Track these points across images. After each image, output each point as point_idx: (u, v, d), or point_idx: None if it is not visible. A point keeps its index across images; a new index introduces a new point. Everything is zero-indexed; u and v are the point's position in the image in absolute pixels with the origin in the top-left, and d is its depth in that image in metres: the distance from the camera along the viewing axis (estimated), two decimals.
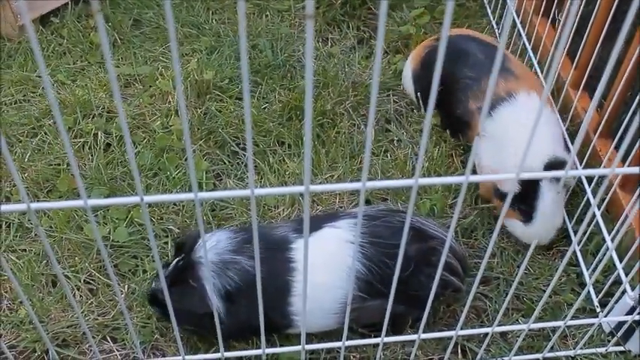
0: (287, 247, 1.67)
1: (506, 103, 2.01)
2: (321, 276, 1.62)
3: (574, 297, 1.92)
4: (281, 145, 2.30)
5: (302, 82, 2.49)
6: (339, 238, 1.68)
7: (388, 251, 1.66)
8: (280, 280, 1.64)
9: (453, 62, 2.16)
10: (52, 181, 2.19)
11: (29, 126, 2.35)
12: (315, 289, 1.59)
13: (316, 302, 1.62)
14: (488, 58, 2.15)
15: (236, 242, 1.67)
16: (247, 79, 0.90)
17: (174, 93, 2.43)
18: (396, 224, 1.71)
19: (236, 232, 1.71)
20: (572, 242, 1.33)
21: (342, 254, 1.65)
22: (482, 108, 1.97)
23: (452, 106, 2.20)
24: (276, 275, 1.63)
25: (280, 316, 1.67)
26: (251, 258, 1.63)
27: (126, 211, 2.08)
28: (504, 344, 1.83)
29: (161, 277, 1.20)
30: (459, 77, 2.18)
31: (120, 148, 2.27)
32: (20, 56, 2.64)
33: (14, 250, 2.01)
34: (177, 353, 1.79)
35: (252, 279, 1.60)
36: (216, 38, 2.70)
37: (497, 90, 2.03)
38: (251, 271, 1.62)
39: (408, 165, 2.23)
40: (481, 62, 2.16)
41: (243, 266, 1.63)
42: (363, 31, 2.79)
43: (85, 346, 1.83)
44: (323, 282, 1.64)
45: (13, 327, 1.85)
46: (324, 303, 1.66)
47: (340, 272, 1.65)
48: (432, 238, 1.73)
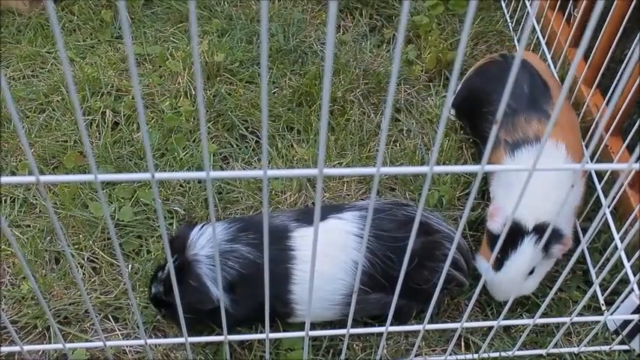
0: (287, 235, 1.65)
1: (530, 147, 1.87)
2: (323, 266, 1.60)
3: (579, 294, 1.91)
4: (290, 130, 2.28)
5: (313, 67, 2.47)
6: (344, 230, 1.66)
7: (392, 245, 1.65)
8: (281, 268, 1.62)
9: (495, 81, 2.05)
10: (58, 157, 2.17)
11: (37, 101, 2.33)
12: (317, 279, 1.57)
13: (317, 292, 1.61)
14: (533, 95, 1.98)
15: (232, 232, 1.65)
16: (266, 66, 0.88)
17: (183, 74, 2.41)
18: (400, 218, 1.70)
19: (230, 223, 1.69)
20: (581, 242, 1.32)
21: (345, 246, 1.64)
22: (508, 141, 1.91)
23: (482, 127, 2.09)
24: (276, 263, 1.61)
25: (281, 305, 1.65)
26: (248, 245, 1.61)
27: (132, 191, 2.07)
28: (507, 339, 1.82)
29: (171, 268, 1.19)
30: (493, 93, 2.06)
31: (128, 127, 2.25)
32: (30, 31, 2.62)
33: (18, 225, 2.00)
34: (178, 335, 1.78)
35: (252, 265, 1.59)
36: (228, 21, 2.67)
37: (527, 130, 1.90)
38: (250, 257, 1.60)
39: (417, 155, 2.21)
40: (523, 96, 1.98)
41: (242, 254, 1.61)
42: (375, 19, 2.76)
43: (87, 324, 1.82)
44: (325, 272, 1.62)
45: (15, 302, 1.84)
46: (326, 294, 1.65)
47: (343, 264, 1.64)
48: (436, 232, 1.72)
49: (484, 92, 2.09)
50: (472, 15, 0.88)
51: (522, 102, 1.96)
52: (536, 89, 2.00)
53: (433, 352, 1.79)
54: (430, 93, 2.46)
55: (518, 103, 1.96)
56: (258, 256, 1.61)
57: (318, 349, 1.76)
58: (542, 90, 1.99)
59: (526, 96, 1.98)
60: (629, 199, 2.01)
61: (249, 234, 1.64)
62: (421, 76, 2.52)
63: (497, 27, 2.72)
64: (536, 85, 2.01)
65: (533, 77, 2.02)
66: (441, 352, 1.78)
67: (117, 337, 1.79)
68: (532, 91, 1.99)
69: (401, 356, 1.76)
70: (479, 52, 2.64)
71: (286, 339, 1.74)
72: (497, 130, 1.03)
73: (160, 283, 1.67)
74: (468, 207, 1.15)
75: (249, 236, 1.64)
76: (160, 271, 1.69)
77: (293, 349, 1.74)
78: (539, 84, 2.01)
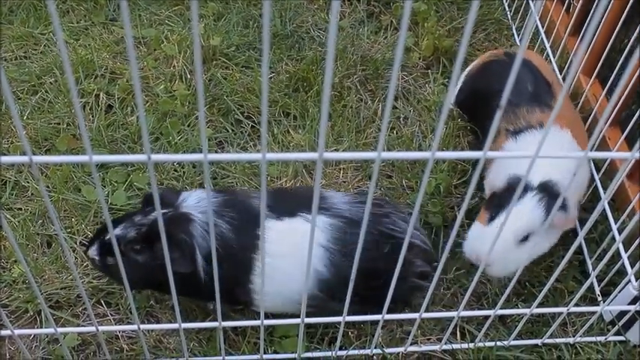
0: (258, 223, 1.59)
1: (533, 131, 1.86)
2: (286, 265, 1.57)
3: (575, 284, 1.90)
4: (286, 116, 2.26)
5: (310, 53, 2.44)
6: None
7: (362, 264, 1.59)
8: (246, 257, 1.57)
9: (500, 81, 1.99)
10: (50, 140, 2.14)
11: (30, 83, 2.30)
12: (280, 275, 1.56)
13: (278, 287, 1.58)
14: (536, 92, 1.96)
15: (217, 204, 1.59)
16: (268, 51, 0.85)
17: (179, 57, 2.38)
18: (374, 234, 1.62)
19: (217, 193, 1.63)
20: (579, 234, 1.30)
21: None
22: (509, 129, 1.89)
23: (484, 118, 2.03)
24: (244, 250, 1.57)
25: (242, 292, 1.61)
26: (228, 223, 1.56)
27: (125, 175, 2.05)
28: (503, 328, 1.81)
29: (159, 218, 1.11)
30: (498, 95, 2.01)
31: (122, 110, 2.22)
32: (22, 12, 2.58)
33: (10, 208, 1.97)
34: (172, 320, 1.76)
35: (227, 245, 1.54)
36: (224, 5, 2.64)
37: (530, 118, 1.89)
38: (227, 236, 1.55)
39: (414, 142, 2.19)
40: (527, 92, 1.97)
41: (221, 231, 1.55)
42: (373, 5, 2.73)
43: (79, 309, 1.80)
44: (287, 271, 1.58)
45: (5, 286, 1.82)
46: (286, 291, 1.61)
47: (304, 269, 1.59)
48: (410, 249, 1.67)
49: (489, 92, 2.04)
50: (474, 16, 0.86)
51: (525, 97, 1.95)
52: (539, 87, 1.98)
53: (428, 340, 1.78)
54: (428, 80, 2.44)
55: (521, 99, 1.94)
56: (231, 237, 1.56)
57: (313, 336, 1.75)
58: (544, 88, 1.98)
59: (529, 92, 1.96)
60: (627, 190, 2.00)
61: (231, 211, 1.59)
62: (418, 63, 2.50)
63: (495, 15, 2.70)
64: (539, 84, 1.99)
65: (538, 77, 2.00)
66: (436, 341, 1.77)
67: (109, 322, 1.77)
68: (535, 88, 1.97)
69: (396, 345, 1.74)
70: (477, 41, 2.62)
71: (280, 326, 1.73)
72: (500, 115, 1.02)
73: (137, 228, 1.56)
74: (469, 195, 1.13)
75: (230, 214, 1.58)
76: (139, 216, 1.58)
77: (287, 336, 1.73)
78: (542, 82, 2.00)
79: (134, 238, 1.54)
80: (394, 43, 2.58)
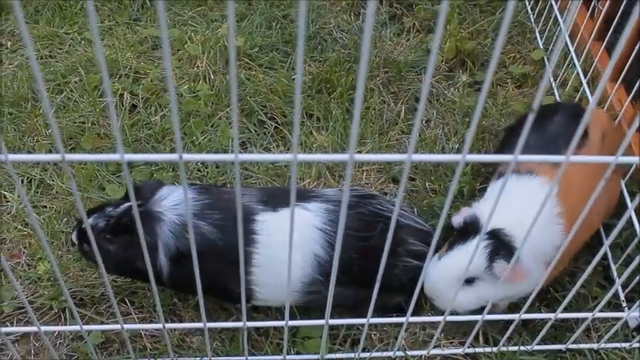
0: (250, 218, 1.60)
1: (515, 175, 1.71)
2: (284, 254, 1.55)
3: (599, 290, 1.89)
4: (309, 117, 2.26)
5: (333, 54, 2.45)
6: (308, 221, 1.62)
7: (355, 243, 1.62)
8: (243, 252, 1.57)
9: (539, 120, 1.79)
10: (75, 139, 2.16)
11: (55, 82, 2.32)
12: (278, 266, 1.56)
13: (277, 277, 1.58)
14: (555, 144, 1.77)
15: (199, 205, 1.59)
16: (302, 53, 0.85)
17: (202, 58, 2.39)
18: (366, 214, 1.66)
19: (200, 193, 1.63)
20: (605, 242, 1.29)
21: (307, 238, 1.60)
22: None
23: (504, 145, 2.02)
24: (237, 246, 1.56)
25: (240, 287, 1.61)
26: (211, 224, 1.57)
27: (149, 174, 2.06)
28: (525, 333, 1.80)
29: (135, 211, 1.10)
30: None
31: (145, 110, 2.24)
32: (48, 12, 2.60)
33: (35, 206, 1.99)
34: (195, 319, 1.77)
35: (210, 245, 1.55)
36: (247, 5, 2.65)
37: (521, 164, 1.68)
38: (210, 237, 1.56)
39: (438, 145, 2.19)
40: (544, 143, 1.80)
41: (202, 232, 1.56)
42: (395, 7, 2.73)
43: (102, 307, 1.81)
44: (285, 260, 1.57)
45: (30, 283, 1.84)
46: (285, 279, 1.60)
47: (303, 254, 1.60)
48: (402, 227, 1.69)
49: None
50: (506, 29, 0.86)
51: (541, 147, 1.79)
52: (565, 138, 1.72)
53: (451, 344, 1.77)
54: (451, 83, 2.43)
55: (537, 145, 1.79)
56: (219, 238, 1.57)
57: (335, 337, 1.74)
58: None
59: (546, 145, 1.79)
60: None
61: (214, 213, 1.59)
62: (441, 65, 2.49)
63: (518, 18, 2.69)
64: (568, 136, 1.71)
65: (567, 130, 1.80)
66: (458, 345, 1.77)
67: (132, 321, 1.78)
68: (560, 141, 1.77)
69: (418, 347, 1.74)
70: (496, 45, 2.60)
71: (303, 327, 1.73)
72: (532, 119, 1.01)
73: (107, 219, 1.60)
74: (498, 197, 1.13)
75: (214, 216, 1.59)
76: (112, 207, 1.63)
77: (310, 337, 1.73)
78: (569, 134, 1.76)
79: (102, 229, 1.59)
80: (417, 45, 2.57)
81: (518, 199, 1.62)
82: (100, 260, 1.21)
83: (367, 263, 1.60)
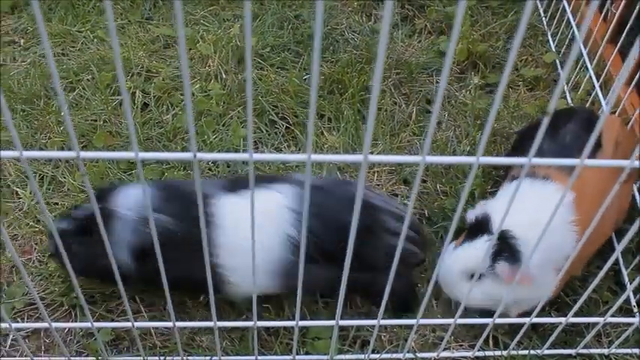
0: (207, 202, 1.59)
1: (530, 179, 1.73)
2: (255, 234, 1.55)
3: (610, 295, 1.88)
4: (321, 118, 2.26)
5: (345, 55, 2.45)
6: (279, 202, 1.60)
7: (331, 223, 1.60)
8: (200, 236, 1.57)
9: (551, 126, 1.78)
10: (87, 136, 2.17)
11: (67, 80, 2.32)
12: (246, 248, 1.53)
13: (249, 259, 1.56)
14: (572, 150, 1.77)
15: (158, 199, 1.61)
16: (319, 52, 0.85)
17: (214, 57, 2.39)
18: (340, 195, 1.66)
19: (159, 189, 1.65)
20: (616, 248, 1.28)
21: (279, 218, 1.59)
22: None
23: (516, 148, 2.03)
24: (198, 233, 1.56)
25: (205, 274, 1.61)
26: (170, 216, 1.58)
27: (160, 172, 2.06)
28: (536, 337, 1.79)
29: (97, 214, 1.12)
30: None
31: (157, 108, 2.24)
32: (61, 10, 2.61)
33: (47, 202, 2.00)
34: (204, 318, 1.77)
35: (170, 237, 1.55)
36: (259, 5, 2.65)
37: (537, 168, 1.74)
38: (171, 228, 1.57)
39: (449, 147, 2.18)
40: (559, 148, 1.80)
41: (162, 224, 1.57)
42: (407, 8, 2.73)
43: (113, 304, 1.81)
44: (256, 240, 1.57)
45: (41, 279, 1.84)
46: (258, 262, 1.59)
47: (275, 235, 1.59)
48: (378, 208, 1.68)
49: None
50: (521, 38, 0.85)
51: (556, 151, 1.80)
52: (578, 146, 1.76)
53: (460, 346, 1.77)
54: (462, 85, 2.43)
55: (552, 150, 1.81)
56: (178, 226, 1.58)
57: (345, 338, 1.74)
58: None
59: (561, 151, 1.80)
60: None
61: (172, 204, 1.61)
62: (453, 68, 2.49)
63: (530, 20, 2.68)
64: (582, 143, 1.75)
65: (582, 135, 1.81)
66: (468, 348, 1.76)
67: (142, 319, 1.78)
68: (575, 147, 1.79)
69: (428, 349, 1.74)
70: (512, 46, 2.59)
71: (313, 327, 1.73)
72: (547, 122, 1.01)
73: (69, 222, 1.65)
74: (511, 198, 1.13)
75: (174, 206, 1.61)
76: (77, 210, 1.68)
77: (320, 337, 1.73)
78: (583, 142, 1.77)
79: (65, 231, 1.60)
80: (428, 46, 2.57)
81: (532, 203, 1.62)
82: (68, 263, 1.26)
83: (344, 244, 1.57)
